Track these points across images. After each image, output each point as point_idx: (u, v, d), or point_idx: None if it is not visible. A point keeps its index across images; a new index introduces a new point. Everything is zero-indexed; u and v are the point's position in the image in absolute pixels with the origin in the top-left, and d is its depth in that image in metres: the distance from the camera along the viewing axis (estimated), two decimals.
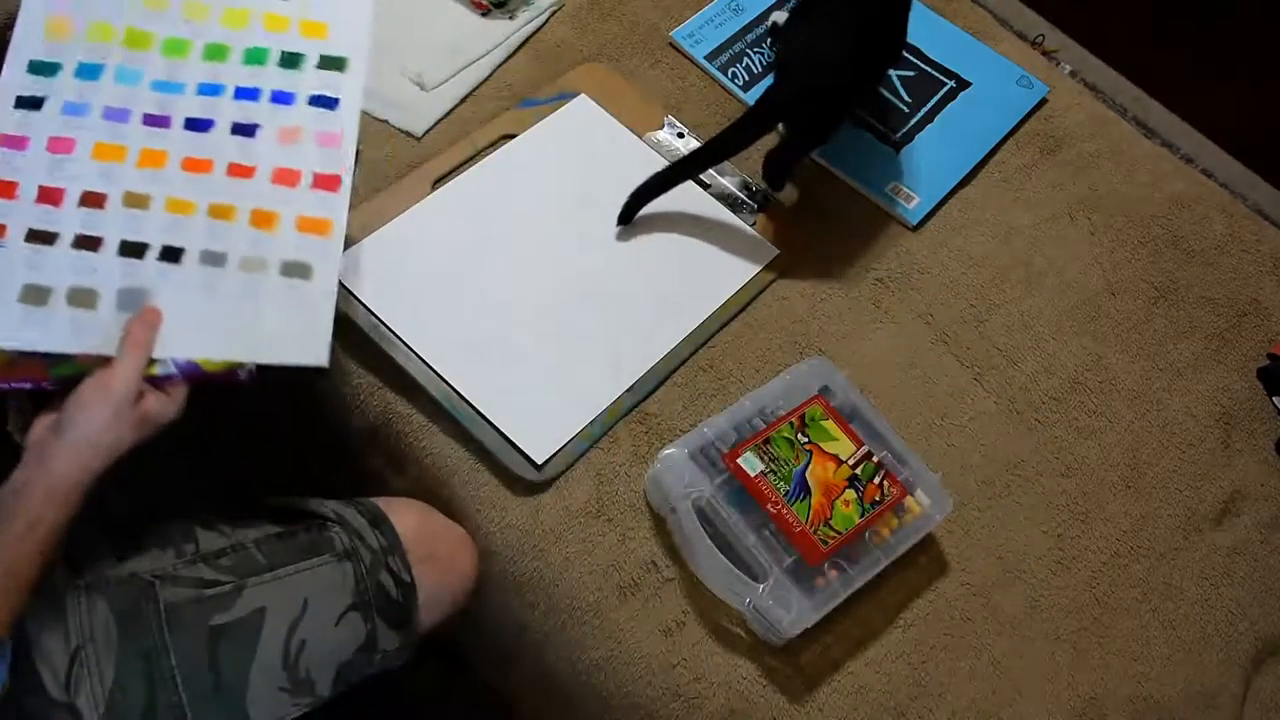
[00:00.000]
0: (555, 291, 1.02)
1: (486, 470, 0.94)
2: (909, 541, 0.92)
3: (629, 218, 1.06)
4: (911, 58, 1.26)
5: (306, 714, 0.81)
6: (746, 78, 1.21)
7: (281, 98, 0.85)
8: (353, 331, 0.96)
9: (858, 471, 0.93)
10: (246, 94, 0.85)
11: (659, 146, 1.13)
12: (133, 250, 0.77)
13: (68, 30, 0.83)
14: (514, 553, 0.92)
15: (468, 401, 0.94)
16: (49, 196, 0.78)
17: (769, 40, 1.24)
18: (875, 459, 0.94)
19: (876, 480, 0.93)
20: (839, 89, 1.04)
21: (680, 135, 1.14)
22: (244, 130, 0.83)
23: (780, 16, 1.23)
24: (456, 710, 1.15)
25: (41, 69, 0.82)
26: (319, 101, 0.86)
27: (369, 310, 0.96)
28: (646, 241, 1.07)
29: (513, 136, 1.10)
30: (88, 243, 0.77)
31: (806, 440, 0.94)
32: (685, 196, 1.09)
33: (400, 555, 0.86)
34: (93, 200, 0.79)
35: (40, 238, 0.76)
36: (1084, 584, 0.99)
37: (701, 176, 1.10)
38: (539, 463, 0.93)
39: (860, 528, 0.90)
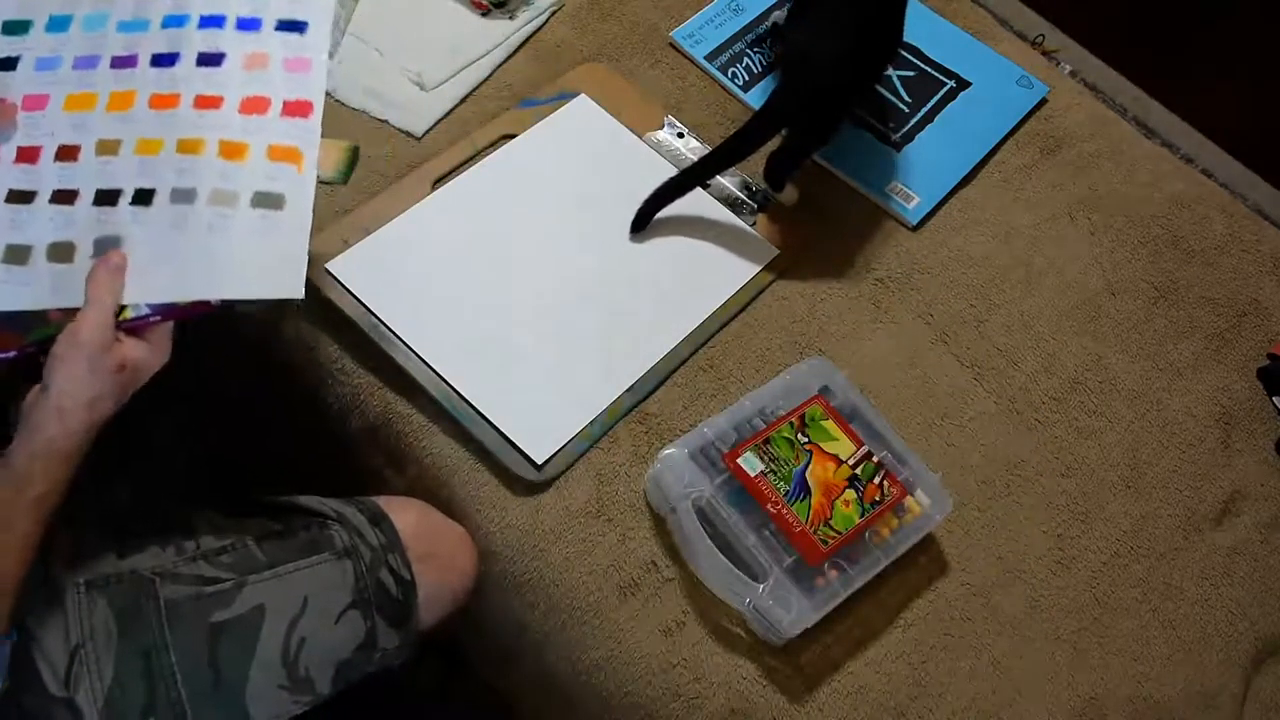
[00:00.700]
0: (555, 291, 1.02)
1: (486, 470, 0.94)
2: (909, 541, 0.92)
3: (642, 225, 1.06)
4: (911, 58, 1.26)
5: (306, 712, 0.81)
6: (746, 78, 1.21)
7: (247, 24, 0.83)
8: (353, 331, 0.96)
9: (858, 471, 0.93)
10: (211, 22, 0.82)
11: (659, 146, 1.13)
12: (106, 198, 0.76)
13: None
14: (514, 553, 0.92)
15: (468, 401, 0.94)
16: (27, 155, 0.77)
17: (769, 40, 1.24)
18: (875, 459, 0.94)
19: (876, 480, 0.93)
20: (840, 89, 1.04)
21: (680, 135, 1.14)
22: (210, 60, 0.81)
23: (780, 16, 1.23)
24: (456, 710, 1.15)
25: (15, 28, 0.81)
26: (286, 26, 0.83)
27: (369, 310, 0.96)
28: (646, 241, 1.07)
29: (513, 136, 1.10)
30: (64, 197, 0.76)
31: (806, 440, 0.94)
32: (685, 197, 1.09)
33: (400, 553, 0.86)
34: (67, 154, 0.77)
35: (20, 197, 0.76)
36: (1084, 584, 0.99)
37: None
38: (539, 463, 0.93)
39: (860, 528, 0.90)
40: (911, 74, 1.24)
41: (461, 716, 1.17)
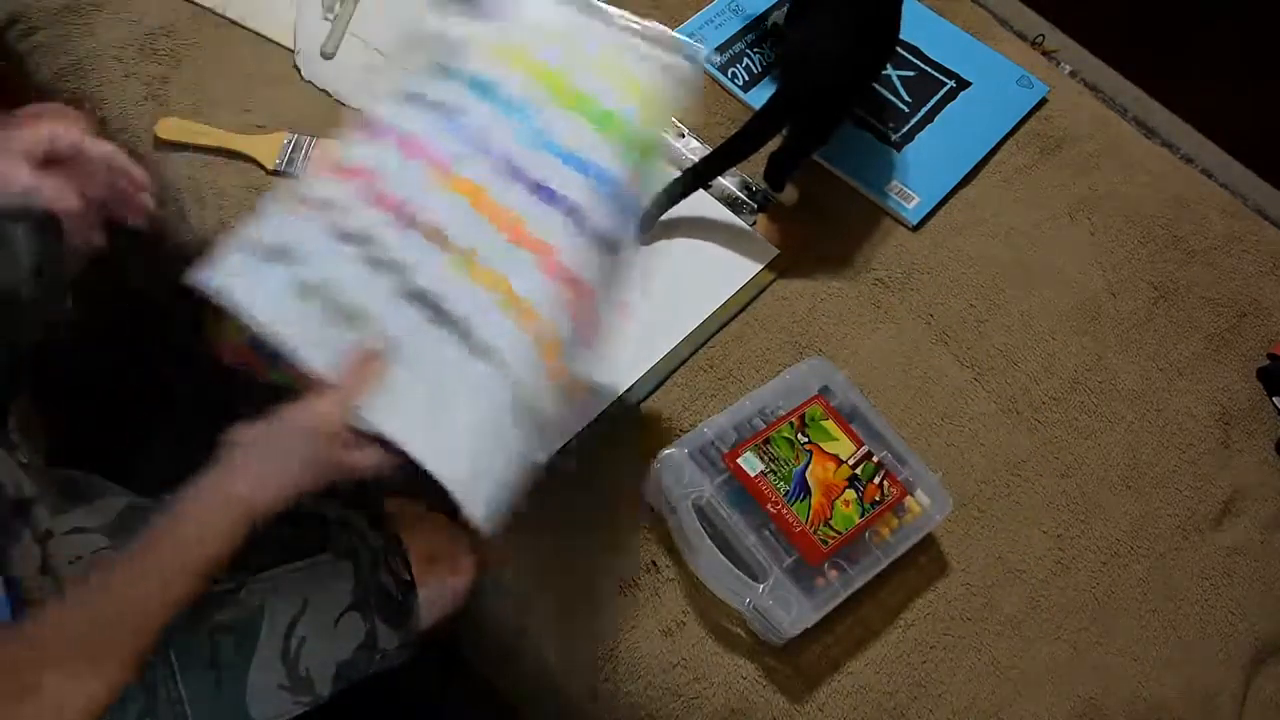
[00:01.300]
0: None
1: None
2: (909, 541, 0.92)
3: (648, 227, 1.05)
4: (911, 57, 1.26)
5: (306, 712, 0.81)
6: (746, 78, 1.21)
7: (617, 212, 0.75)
8: None
9: (858, 471, 0.93)
10: (590, 170, 0.74)
11: None
12: (411, 292, 0.69)
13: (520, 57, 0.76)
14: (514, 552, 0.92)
15: None
16: (382, 201, 0.71)
17: (769, 41, 1.24)
18: (875, 459, 0.94)
19: (876, 480, 0.93)
20: (840, 87, 1.04)
21: (680, 135, 1.14)
22: (570, 210, 0.73)
23: (780, 17, 1.23)
24: (456, 710, 1.15)
25: (482, 88, 0.75)
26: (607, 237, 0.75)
27: None
28: (646, 242, 1.06)
29: None
30: (379, 263, 0.69)
31: (806, 440, 0.94)
32: (686, 197, 1.09)
33: (400, 554, 0.86)
34: (408, 220, 0.71)
35: (347, 238, 0.69)
36: (1084, 584, 0.99)
37: None
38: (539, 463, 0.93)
39: (860, 528, 0.90)
40: (911, 74, 1.24)
41: (461, 717, 1.17)
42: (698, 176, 1.06)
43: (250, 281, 0.69)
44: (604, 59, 0.77)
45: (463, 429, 0.68)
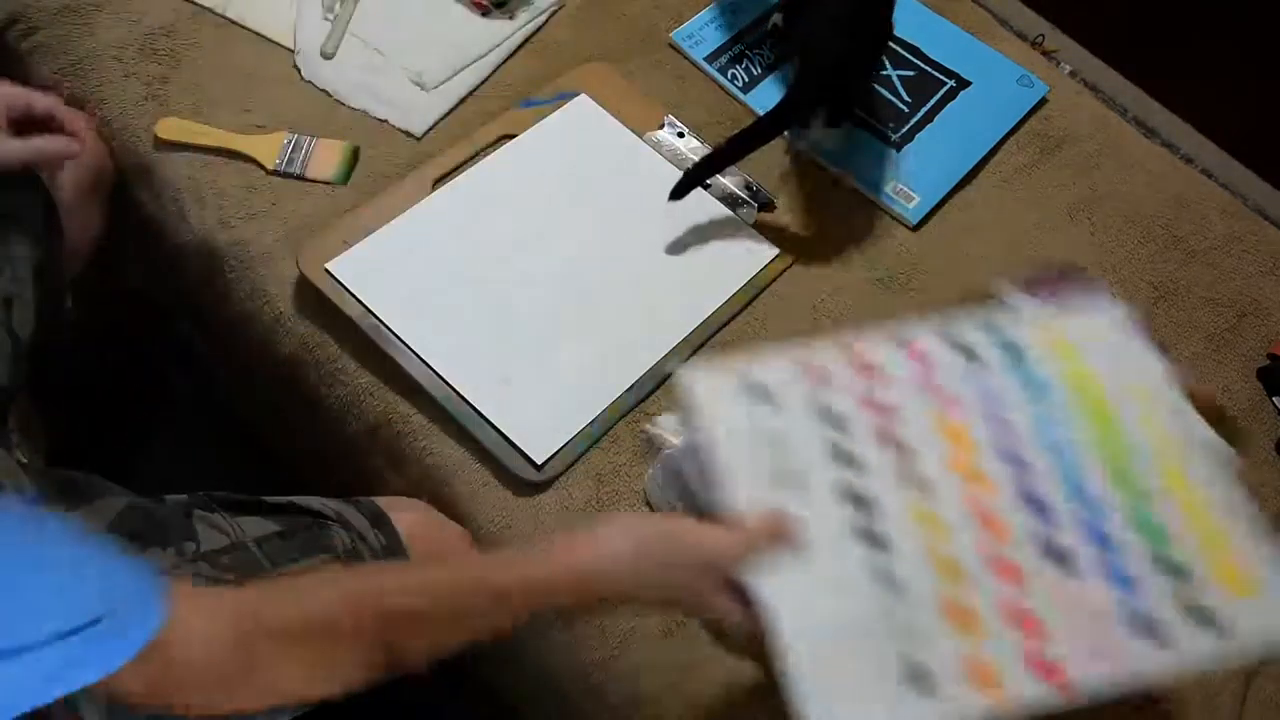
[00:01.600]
0: (555, 291, 1.02)
1: (486, 470, 0.94)
2: None
3: (682, 194, 1.05)
4: (911, 57, 1.26)
5: (307, 713, 0.81)
6: (746, 79, 1.21)
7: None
8: (353, 332, 0.96)
9: None
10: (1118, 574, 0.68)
11: (659, 146, 1.13)
12: (855, 495, 0.67)
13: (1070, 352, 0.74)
14: None
15: (467, 402, 0.94)
16: (872, 402, 0.70)
17: (768, 42, 1.24)
18: None
19: None
20: (854, 53, 1.08)
21: (680, 135, 1.14)
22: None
23: (779, 19, 1.23)
24: (456, 710, 1.15)
25: (988, 328, 0.75)
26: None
27: (369, 310, 0.96)
28: (647, 241, 1.07)
29: (513, 136, 1.10)
30: (841, 454, 0.68)
31: None
32: (686, 197, 1.09)
33: (401, 554, 0.86)
34: (889, 434, 0.69)
35: (828, 417, 0.69)
36: None
37: None
38: (539, 463, 0.93)
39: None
40: (911, 74, 1.24)
41: (461, 716, 1.17)
42: (736, 147, 1.05)
43: (721, 396, 0.70)
44: (1146, 395, 0.74)
45: (846, 661, 0.63)
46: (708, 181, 1.10)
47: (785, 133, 1.14)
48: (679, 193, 1.05)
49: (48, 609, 0.50)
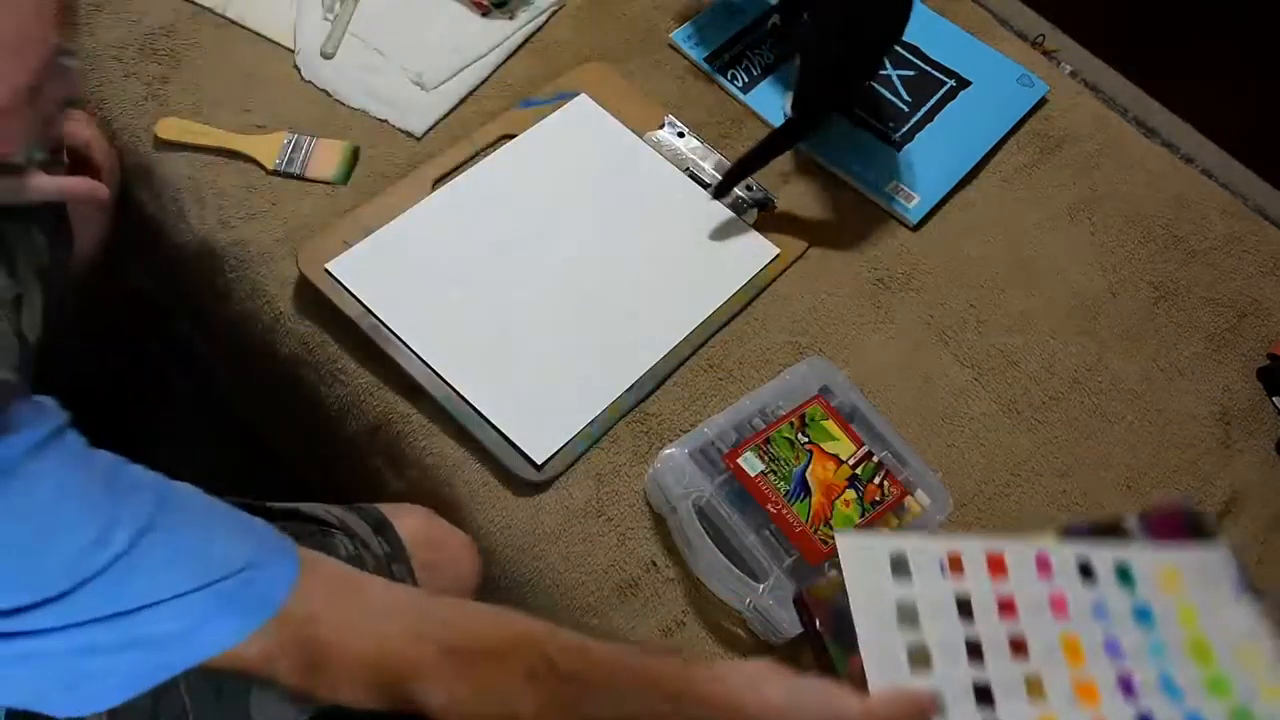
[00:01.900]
0: (555, 291, 1.02)
1: (486, 470, 0.94)
2: None
3: (725, 191, 1.08)
4: (911, 57, 1.26)
5: (309, 718, 0.81)
6: (745, 80, 1.21)
7: None
8: (352, 332, 0.96)
9: (858, 471, 0.93)
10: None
11: (659, 146, 1.13)
12: (983, 693, 0.69)
13: (1176, 584, 0.77)
14: (514, 553, 0.92)
15: (467, 402, 0.94)
16: (1009, 607, 0.72)
17: (769, 42, 1.24)
18: (875, 459, 0.94)
19: (876, 480, 0.93)
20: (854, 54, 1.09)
21: (680, 135, 1.14)
22: None
23: (779, 20, 1.23)
24: None
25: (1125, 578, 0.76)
26: None
27: (369, 310, 0.96)
28: (646, 241, 1.07)
29: (513, 136, 1.10)
30: (975, 647, 0.70)
31: (806, 440, 0.94)
32: (686, 196, 1.09)
33: (404, 561, 0.86)
34: (1021, 645, 0.71)
35: (965, 609, 0.72)
36: None
37: (702, 177, 1.11)
38: (539, 463, 0.93)
39: (860, 528, 0.90)
40: (911, 73, 1.24)
41: None
42: (781, 140, 1.10)
43: (869, 571, 0.72)
44: (1240, 637, 0.76)
45: None
46: (707, 181, 1.10)
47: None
48: (722, 191, 1.08)
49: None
